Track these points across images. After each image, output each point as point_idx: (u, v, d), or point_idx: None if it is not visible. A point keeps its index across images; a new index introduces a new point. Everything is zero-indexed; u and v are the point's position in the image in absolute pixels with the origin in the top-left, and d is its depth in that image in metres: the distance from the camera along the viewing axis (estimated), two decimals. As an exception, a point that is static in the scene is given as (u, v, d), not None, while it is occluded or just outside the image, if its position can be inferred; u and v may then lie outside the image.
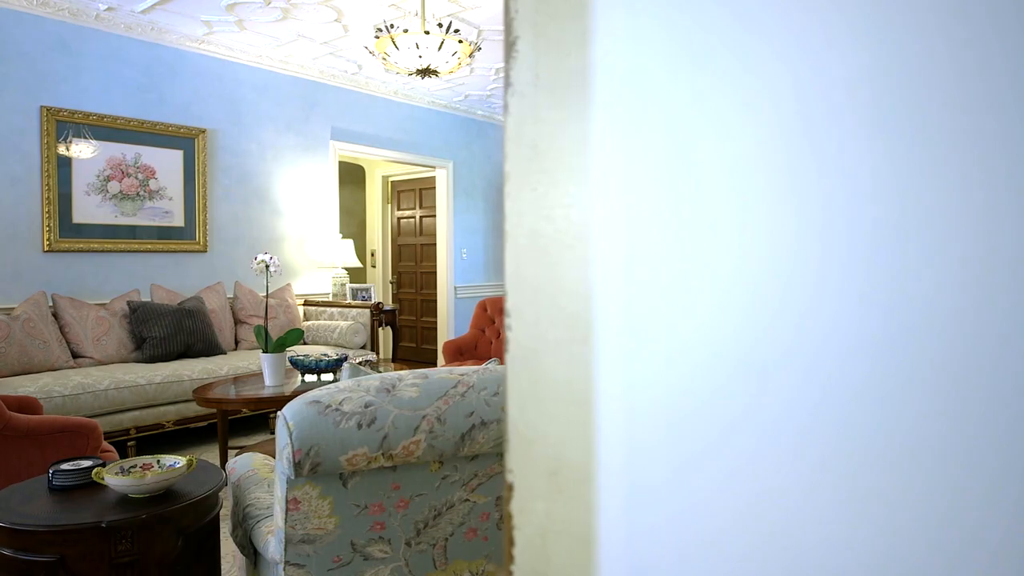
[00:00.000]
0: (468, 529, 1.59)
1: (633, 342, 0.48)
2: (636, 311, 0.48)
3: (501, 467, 1.55)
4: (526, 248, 0.63)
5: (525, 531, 0.64)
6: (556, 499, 0.63)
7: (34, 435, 2.63)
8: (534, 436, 0.64)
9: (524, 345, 0.64)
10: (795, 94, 0.40)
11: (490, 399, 1.48)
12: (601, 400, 0.55)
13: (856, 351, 0.37)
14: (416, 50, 3.51)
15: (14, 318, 3.95)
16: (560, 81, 0.61)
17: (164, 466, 1.78)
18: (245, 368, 4.43)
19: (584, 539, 0.61)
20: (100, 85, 4.66)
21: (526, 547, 0.64)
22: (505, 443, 0.66)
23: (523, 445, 0.64)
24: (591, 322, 0.57)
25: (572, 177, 0.60)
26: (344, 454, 1.35)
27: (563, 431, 0.62)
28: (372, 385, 1.44)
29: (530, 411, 0.64)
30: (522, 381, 0.64)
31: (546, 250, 0.62)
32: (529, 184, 0.63)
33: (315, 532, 1.45)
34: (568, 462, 0.62)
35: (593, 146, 0.54)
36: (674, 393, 0.47)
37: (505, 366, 0.65)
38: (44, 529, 1.52)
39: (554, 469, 0.63)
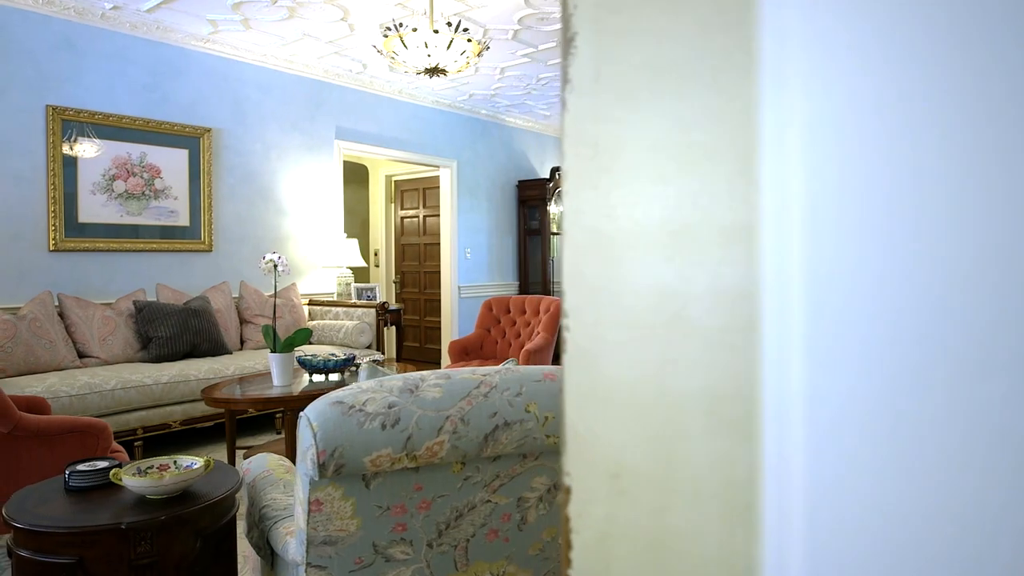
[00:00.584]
0: (489, 530, 1.58)
1: (818, 344, 0.45)
2: (821, 311, 0.45)
3: (523, 468, 1.54)
4: (585, 247, 0.62)
5: (583, 535, 0.63)
6: (617, 502, 0.61)
7: (44, 435, 2.62)
8: (593, 437, 0.62)
9: (582, 345, 0.62)
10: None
11: (513, 399, 1.46)
12: (765, 409, 0.52)
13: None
14: (425, 49, 3.50)
15: (20, 318, 3.94)
16: (625, 78, 0.60)
17: (181, 467, 1.77)
18: (251, 368, 4.42)
19: (648, 544, 0.60)
20: (105, 84, 4.65)
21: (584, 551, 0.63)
22: (561, 445, 0.64)
23: (581, 447, 0.63)
24: (692, 321, 0.55)
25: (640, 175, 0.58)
26: (368, 455, 1.34)
27: (626, 432, 0.61)
28: (395, 386, 1.43)
29: (589, 412, 0.63)
30: (581, 382, 0.63)
31: (608, 249, 0.61)
32: (589, 182, 0.62)
33: (337, 533, 1.44)
34: (630, 464, 0.60)
35: (742, 142, 0.51)
36: (867, 399, 0.43)
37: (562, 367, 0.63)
38: (62, 531, 1.50)
39: (615, 472, 0.62)
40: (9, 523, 1.56)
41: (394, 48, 3.59)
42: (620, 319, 0.60)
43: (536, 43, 5.30)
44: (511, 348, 5.30)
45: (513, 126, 8.03)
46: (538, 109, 7.56)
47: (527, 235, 8.10)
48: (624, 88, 0.59)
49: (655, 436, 0.58)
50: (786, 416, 0.48)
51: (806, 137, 0.45)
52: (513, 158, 8.05)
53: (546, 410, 1.48)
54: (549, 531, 1.65)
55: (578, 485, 0.63)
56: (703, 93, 0.55)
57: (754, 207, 0.54)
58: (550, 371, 1.57)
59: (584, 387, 0.62)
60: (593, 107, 0.60)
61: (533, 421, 1.46)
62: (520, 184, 8.08)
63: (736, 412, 0.54)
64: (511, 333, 5.35)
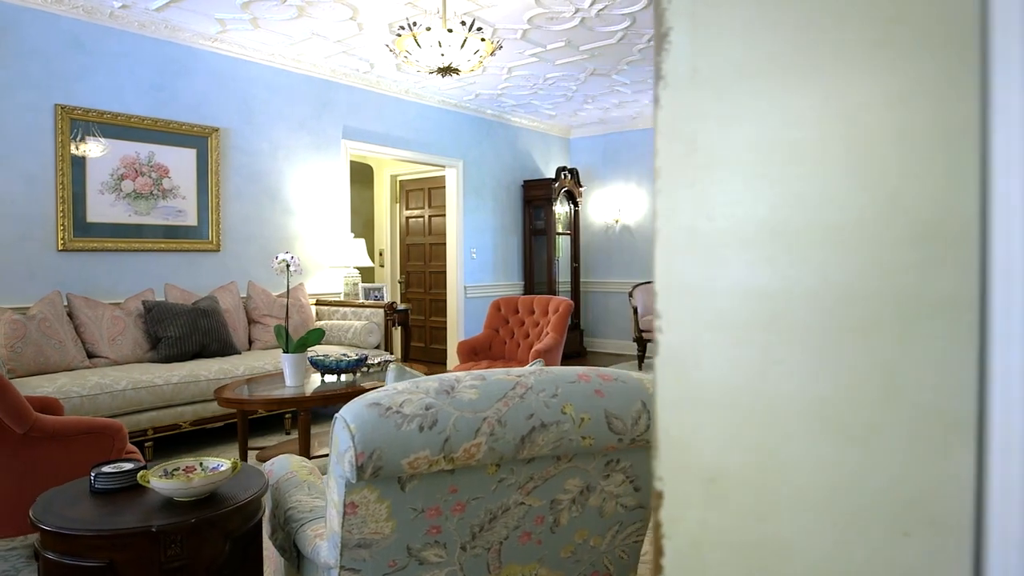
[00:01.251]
0: (522, 532, 1.56)
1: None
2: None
3: (556, 469, 1.53)
4: (679, 247, 0.61)
5: (676, 540, 0.62)
6: (713, 507, 0.60)
7: (60, 436, 2.61)
8: (688, 441, 0.61)
9: (676, 347, 0.61)
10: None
11: (549, 401, 1.45)
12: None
13: None
14: (438, 48, 3.49)
15: (30, 318, 3.92)
16: (724, 73, 0.58)
17: (207, 468, 1.75)
18: (261, 368, 4.40)
19: (747, 550, 0.59)
20: (114, 83, 4.63)
21: (677, 557, 0.62)
22: (653, 449, 0.63)
23: (675, 451, 0.62)
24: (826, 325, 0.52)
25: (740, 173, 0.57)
26: (406, 457, 1.32)
27: (723, 436, 0.59)
28: (431, 387, 1.42)
29: (683, 416, 0.61)
30: (674, 384, 0.62)
31: (704, 249, 0.60)
32: (684, 181, 0.60)
33: (371, 536, 1.43)
34: (728, 469, 0.59)
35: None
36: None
37: (654, 369, 0.62)
38: (92, 534, 1.49)
39: (711, 476, 0.60)
40: (37, 525, 1.55)
41: (407, 47, 3.58)
42: (717, 320, 0.58)
43: (545, 43, 5.28)
44: (519, 348, 5.29)
45: (519, 126, 8.01)
46: (544, 109, 7.54)
47: (532, 235, 8.09)
48: (723, 84, 0.57)
49: (754, 440, 0.57)
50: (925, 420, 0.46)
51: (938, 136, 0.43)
52: (519, 158, 8.04)
53: (582, 412, 1.47)
54: (581, 533, 1.64)
55: (671, 490, 0.61)
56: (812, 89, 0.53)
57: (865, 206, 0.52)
58: (584, 372, 1.56)
59: (678, 390, 0.61)
60: (689, 103, 0.59)
61: (569, 423, 1.45)
62: (526, 184, 8.07)
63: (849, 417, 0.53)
64: (520, 333, 5.34)
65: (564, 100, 7.16)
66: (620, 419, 1.50)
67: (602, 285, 8.56)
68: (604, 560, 1.71)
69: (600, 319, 8.61)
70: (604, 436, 1.49)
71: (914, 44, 0.48)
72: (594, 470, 1.57)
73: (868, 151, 0.51)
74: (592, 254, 8.65)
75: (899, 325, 0.49)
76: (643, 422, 1.53)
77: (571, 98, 7.07)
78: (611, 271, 8.49)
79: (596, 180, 8.58)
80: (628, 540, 1.73)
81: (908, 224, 0.49)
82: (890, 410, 0.50)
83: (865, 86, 0.50)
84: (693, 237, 0.59)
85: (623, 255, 8.40)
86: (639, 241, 8.27)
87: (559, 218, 8.15)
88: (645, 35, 5.14)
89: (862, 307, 0.51)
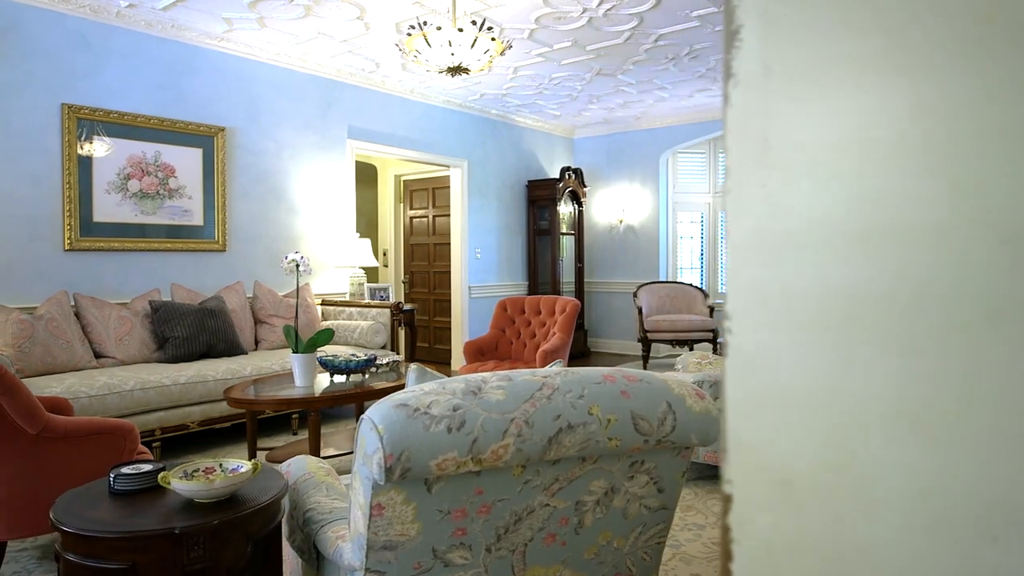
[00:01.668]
0: (547, 534, 1.55)
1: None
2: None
3: (581, 471, 1.52)
4: (750, 247, 0.60)
5: (746, 545, 0.61)
6: (785, 511, 0.59)
7: (72, 437, 2.59)
8: (759, 444, 0.60)
9: (746, 349, 0.60)
10: None
11: (576, 402, 1.44)
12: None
13: None
14: (449, 48, 3.48)
15: (37, 318, 3.90)
16: (797, 71, 0.57)
17: (227, 470, 1.74)
18: (268, 368, 4.39)
19: (823, 554, 0.58)
20: (120, 83, 4.62)
21: (747, 562, 0.61)
22: (722, 452, 0.62)
23: (745, 454, 0.61)
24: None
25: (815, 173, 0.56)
26: (434, 459, 1.31)
27: (796, 439, 0.58)
28: (457, 387, 1.41)
29: (754, 418, 0.60)
30: (744, 387, 0.61)
31: (776, 249, 0.59)
32: (756, 180, 0.59)
33: (397, 538, 1.42)
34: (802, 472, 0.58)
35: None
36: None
37: (723, 372, 0.61)
38: (115, 536, 1.48)
39: (783, 479, 0.59)
40: (58, 527, 1.54)
41: (417, 47, 3.57)
42: (790, 321, 0.58)
43: (551, 43, 5.27)
44: (526, 348, 5.28)
45: (523, 126, 8.01)
46: (548, 109, 7.54)
47: (536, 235, 8.08)
48: (797, 82, 0.57)
49: (830, 443, 0.56)
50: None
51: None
52: (523, 158, 8.03)
53: (608, 413, 1.46)
54: (605, 535, 1.63)
55: (740, 493, 0.60)
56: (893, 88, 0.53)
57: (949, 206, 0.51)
58: (609, 373, 1.55)
59: (748, 392, 0.60)
60: (761, 102, 0.58)
61: (596, 424, 1.44)
62: (530, 184, 8.06)
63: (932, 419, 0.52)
64: (526, 333, 5.33)
65: (569, 100, 7.15)
66: (646, 420, 1.49)
67: (606, 285, 8.56)
68: (627, 562, 1.70)
69: (604, 319, 8.60)
70: (630, 437, 1.48)
71: (1004, 42, 0.47)
72: (618, 471, 1.56)
73: (952, 150, 0.50)
74: (596, 254, 8.64)
75: (984, 326, 0.48)
76: (669, 423, 1.52)
77: (576, 98, 7.06)
78: (615, 271, 8.49)
79: (600, 180, 8.58)
80: (651, 542, 1.72)
81: (995, 224, 0.48)
82: (974, 411, 0.49)
83: (950, 86, 0.49)
84: (765, 237, 0.58)
85: (627, 255, 8.39)
86: (643, 241, 8.26)
87: (563, 218, 8.14)
88: (652, 35, 5.13)
89: (945, 308, 0.50)
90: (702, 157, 8.48)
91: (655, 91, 6.79)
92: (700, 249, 8.57)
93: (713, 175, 8.49)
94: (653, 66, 5.92)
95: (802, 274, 0.57)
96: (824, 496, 0.57)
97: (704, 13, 4.68)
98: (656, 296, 7.44)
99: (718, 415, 1.62)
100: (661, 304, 7.42)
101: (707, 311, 7.24)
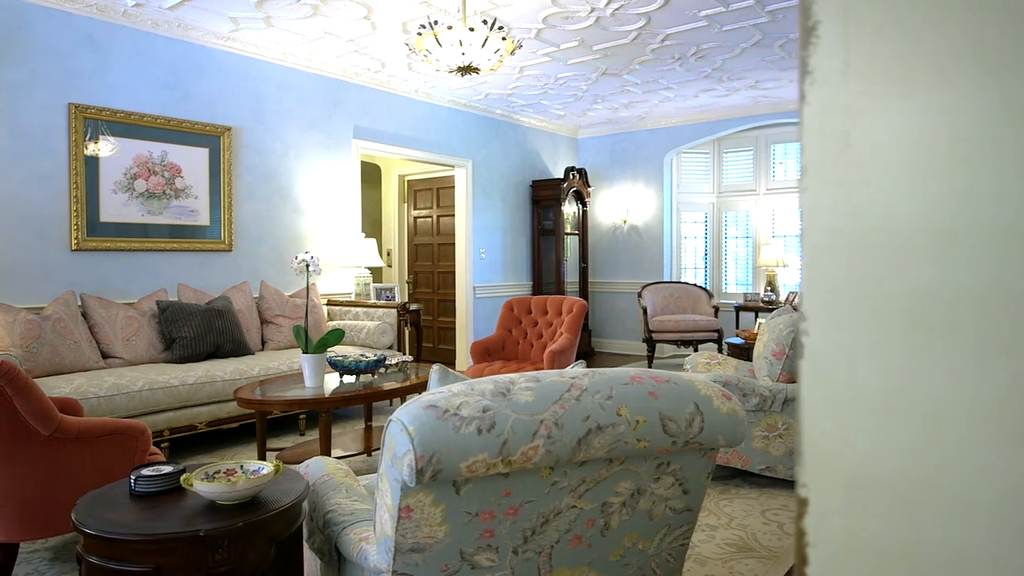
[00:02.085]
0: (573, 536, 1.54)
1: None
2: None
3: (608, 472, 1.51)
4: (828, 247, 0.59)
5: (821, 549, 0.60)
6: (864, 515, 0.58)
7: (84, 438, 2.58)
8: (835, 447, 0.59)
9: (823, 351, 0.59)
10: None
11: (604, 403, 1.43)
12: None
13: None
14: (459, 47, 3.47)
15: (45, 318, 3.89)
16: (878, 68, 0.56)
17: (248, 471, 1.73)
18: (275, 369, 4.38)
19: (903, 559, 0.57)
20: (127, 82, 4.61)
21: (824, 566, 0.60)
22: (797, 456, 0.61)
23: (821, 457, 0.60)
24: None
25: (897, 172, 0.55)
26: (464, 460, 1.30)
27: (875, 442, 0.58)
28: (486, 389, 1.40)
29: (831, 420, 0.60)
30: (821, 389, 0.60)
31: (855, 250, 0.58)
32: (834, 179, 0.59)
33: (425, 541, 1.41)
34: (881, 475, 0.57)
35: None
36: None
37: (799, 373, 0.60)
38: (139, 538, 1.47)
39: (861, 483, 0.58)
40: (80, 529, 1.52)
41: (427, 47, 3.56)
42: (870, 322, 0.57)
43: (559, 42, 5.27)
44: (533, 349, 5.27)
45: (528, 126, 8.00)
46: (553, 109, 7.53)
47: (541, 235, 8.07)
48: (878, 80, 0.56)
49: (912, 446, 0.55)
50: None
51: None
52: (527, 158, 8.02)
53: (637, 414, 1.45)
54: (630, 536, 1.62)
55: (816, 496, 0.59)
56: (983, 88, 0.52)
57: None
58: (636, 373, 1.54)
59: (825, 394, 0.59)
60: (840, 100, 0.57)
61: (625, 425, 1.43)
62: (534, 184, 8.05)
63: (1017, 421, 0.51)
64: (533, 334, 5.32)
65: (574, 100, 7.14)
66: (674, 421, 1.49)
67: (609, 285, 8.55)
68: (651, 564, 1.69)
69: (607, 319, 8.59)
70: (659, 438, 1.47)
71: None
72: (645, 472, 1.56)
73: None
74: (599, 254, 8.64)
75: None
76: (696, 424, 1.51)
77: (581, 98, 7.05)
78: (618, 271, 8.48)
79: (604, 180, 8.57)
80: (675, 543, 1.71)
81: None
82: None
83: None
84: (843, 237, 0.57)
85: (631, 255, 8.39)
86: (647, 241, 8.25)
87: (567, 218, 8.13)
88: (659, 35, 5.12)
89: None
90: (706, 157, 8.48)
91: (660, 91, 6.78)
92: (704, 249, 8.57)
93: (717, 175, 8.49)
94: (659, 66, 5.91)
95: (882, 274, 0.56)
96: (905, 500, 0.56)
97: (712, 13, 4.68)
98: (661, 296, 7.43)
99: (745, 416, 1.61)
100: (666, 304, 7.41)
101: (712, 311, 7.24)
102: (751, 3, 4.53)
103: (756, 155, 8.19)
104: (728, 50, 5.50)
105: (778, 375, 3.62)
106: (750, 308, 7.26)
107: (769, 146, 8.11)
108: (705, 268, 8.55)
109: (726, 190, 8.42)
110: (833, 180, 0.58)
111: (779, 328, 3.66)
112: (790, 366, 3.63)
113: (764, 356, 3.71)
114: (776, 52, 5.56)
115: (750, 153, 8.23)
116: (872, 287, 0.57)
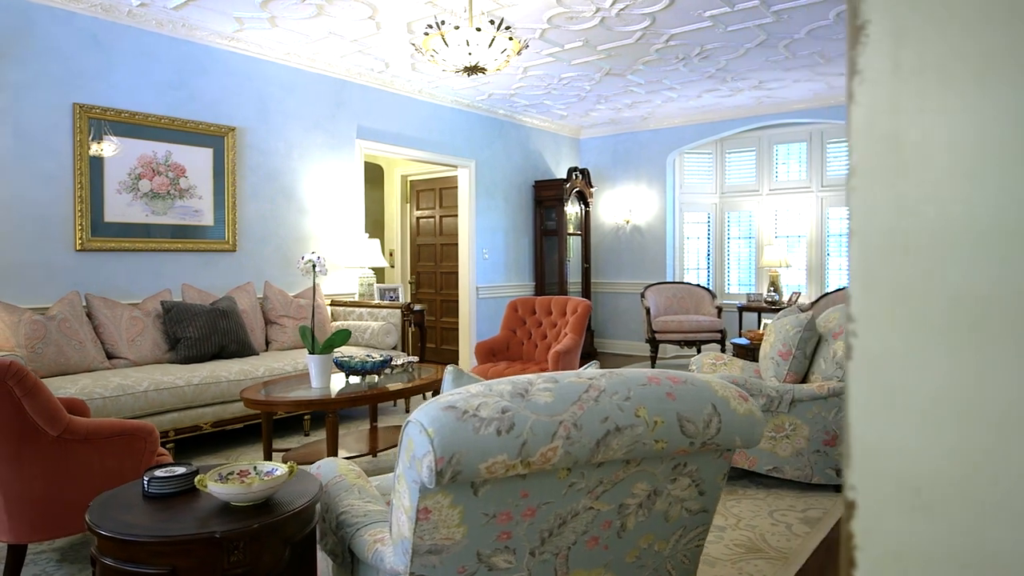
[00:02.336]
0: (590, 538, 1.54)
1: None
2: None
3: (625, 473, 1.51)
4: (879, 248, 0.58)
5: (871, 553, 0.60)
6: (916, 519, 0.58)
7: (93, 438, 2.57)
8: (886, 449, 0.59)
9: (874, 352, 0.59)
10: None
11: (622, 404, 1.43)
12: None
13: None
14: (466, 47, 3.46)
15: (50, 318, 3.88)
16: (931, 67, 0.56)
17: (262, 473, 1.72)
18: (280, 369, 4.38)
19: (958, 564, 0.56)
20: (131, 82, 4.60)
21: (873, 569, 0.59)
22: (845, 458, 0.61)
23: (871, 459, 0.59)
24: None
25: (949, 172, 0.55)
26: (484, 462, 1.30)
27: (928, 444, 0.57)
28: (505, 389, 1.39)
29: (881, 422, 0.59)
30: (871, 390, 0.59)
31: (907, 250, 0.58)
32: (884, 179, 0.58)
33: (443, 542, 1.40)
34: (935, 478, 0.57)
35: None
36: None
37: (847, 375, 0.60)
38: (155, 540, 1.46)
39: (914, 486, 0.58)
40: (94, 530, 1.52)
41: (434, 47, 3.55)
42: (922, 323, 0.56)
43: (563, 42, 5.26)
44: (537, 349, 5.26)
45: (530, 126, 7.99)
46: (556, 109, 7.52)
47: (543, 236, 8.06)
48: (930, 79, 0.55)
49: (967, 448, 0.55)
50: None
51: None
52: (530, 158, 8.02)
53: (655, 415, 1.44)
54: (647, 538, 1.62)
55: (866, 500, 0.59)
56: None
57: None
58: (654, 374, 1.54)
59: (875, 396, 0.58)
60: (890, 99, 0.57)
61: (643, 426, 1.43)
62: (537, 184, 8.04)
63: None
64: (537, 334, 5.31)
65: (577, 100, 7.13)
66: (692, 422, 1.48)
67: (612, 286, 8.54)
68: (667, 565, 1.69)
69: (610, 320, 8.59)
70: (676, 439, 1.47)
71: None
72: (661, 474, 1.55)
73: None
74: (602, 255, 8.63)
75: None
76: (714, 425, 1.50)
77: (584, 98, 7.05)
78: (621, 272, 8.47)
79: (606, 181, 8.56)
80: (690, 545, 1.71)
81: None
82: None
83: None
84: (894, 238, 0.56)
85: (633, 256, 8.38)
86: (649, 242, 8.25)
87: (570, 219, 8.13)
88: (664, 35, 5.12)
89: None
90: (709, 158, 8.47)
91: (664, 91, 6.78)
92: (707, 250, 8.56)
93: (719, 176, 8.48)
94: (663, 66, 5.91)
95: (933, 274, 0.56)
96: (959, 503, 0.55)
97: (717, 13, 4.67)
98: (664, 296, 7.42)
99: (762, 417, 1.60)
100: (669, 305, 7.41)
101: (715, 312, 7.23)
102: (756, 3, 4.53)
103: (759, 155, 8.18)
104: (732, 50, 5.50)
105: (784, 375, 3.62)
106: (753, 308, 7.25)
107: (772, 146, 8.11)
108: (708, 268, 8.55)
109: (729, 190, 8.41)
110: (884, 181, 0.58)
111: (786, 329, 3.66)
112: (797, 367, 3.62)
113: (771, 357, 3.71)
114: (780, 52, 5.56)
115: (753, 153, 8.23)
116: (924, 287, 0.57)
